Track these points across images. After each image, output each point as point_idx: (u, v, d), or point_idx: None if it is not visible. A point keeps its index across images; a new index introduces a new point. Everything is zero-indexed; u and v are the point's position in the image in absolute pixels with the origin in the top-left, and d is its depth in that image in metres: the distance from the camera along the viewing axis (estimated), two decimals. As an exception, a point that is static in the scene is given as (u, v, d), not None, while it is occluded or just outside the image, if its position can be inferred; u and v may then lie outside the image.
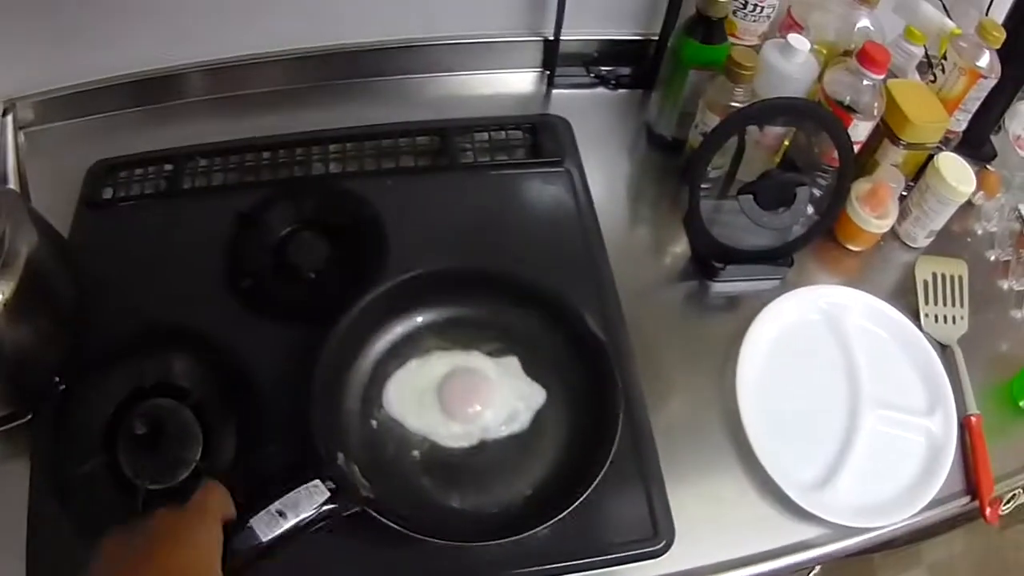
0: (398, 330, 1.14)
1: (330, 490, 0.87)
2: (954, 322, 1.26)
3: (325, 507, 0.87)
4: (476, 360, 1.13)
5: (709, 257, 1.24)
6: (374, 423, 1.07)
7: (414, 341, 1.14)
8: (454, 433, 1.07)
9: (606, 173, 1.36)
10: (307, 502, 0.86)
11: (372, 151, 1.33)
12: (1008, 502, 1.15)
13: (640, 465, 1.05)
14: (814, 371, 1.18)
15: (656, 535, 1.01)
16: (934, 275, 1.30)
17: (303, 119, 1.37)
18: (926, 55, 1.33)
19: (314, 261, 1.21)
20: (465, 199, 1.30)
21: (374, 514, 0.91)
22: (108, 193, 1.29)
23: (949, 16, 1.34)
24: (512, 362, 1.13)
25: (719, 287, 1.26)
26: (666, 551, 1.01)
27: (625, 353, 1.14)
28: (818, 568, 1.32)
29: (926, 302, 1.27)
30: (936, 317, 1.26)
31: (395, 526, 0.92)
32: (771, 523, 1.06)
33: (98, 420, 1.06)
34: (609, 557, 1.00)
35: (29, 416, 1.05)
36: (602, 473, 0.97)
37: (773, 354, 1.17)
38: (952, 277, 1.30)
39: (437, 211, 1.28)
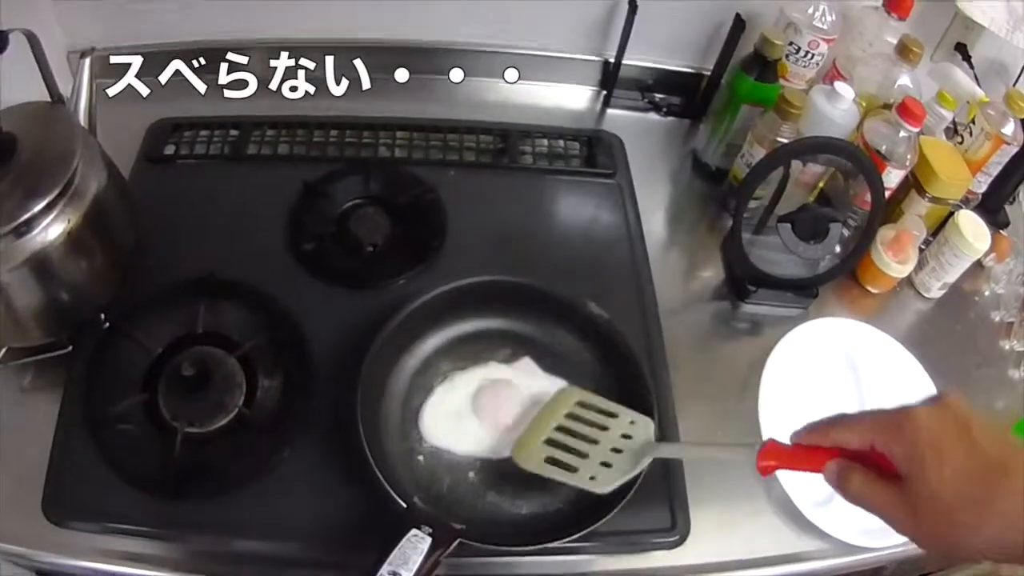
0: (411, 363, 1.12)
1: (430, 535, 0.85)
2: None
3: (435, 553, 0.84)
4: (495, 370, 1.13)
5: (744, 279, 1.27)
6: (420, 458, 1.05)
7: (429, 369, 1.12)
8: (501, 443, 1.05)
9: (649, 193, 1.39)
10: (415, 554, 0.83)
11: (438, 143, 1.37)
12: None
13: (666, 463, 1.06)
14: (828, 396, 1.19)
15: (673, 528, 1.03)
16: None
17: (366, 106, 1.36)
18: (952, 122, 1.38)
19: (374, 236, 1.23)
20: (521, 198, 1.34)
21: (473, 543, 0.90)
22: (170, 150, 1.31)
23: (979, 85, 1.40)
24: (527, 363, 1.14)
25: (747, 309, 1.28)
26: (680, 544, 1.03)
27: (660, 365, 1.17)
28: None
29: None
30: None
31: (492, 546, 0.93)
32: (778, 532, 1.08)
33: (142, 360, 1.07)
34: (627, 544, 1.03)
35: (69, 348, 1.06)
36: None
37: (793, 376, 1.18)
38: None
39: (494, 205, 1.32)
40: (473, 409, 1.08)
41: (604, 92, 1.52)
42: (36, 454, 0.99)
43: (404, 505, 0.92)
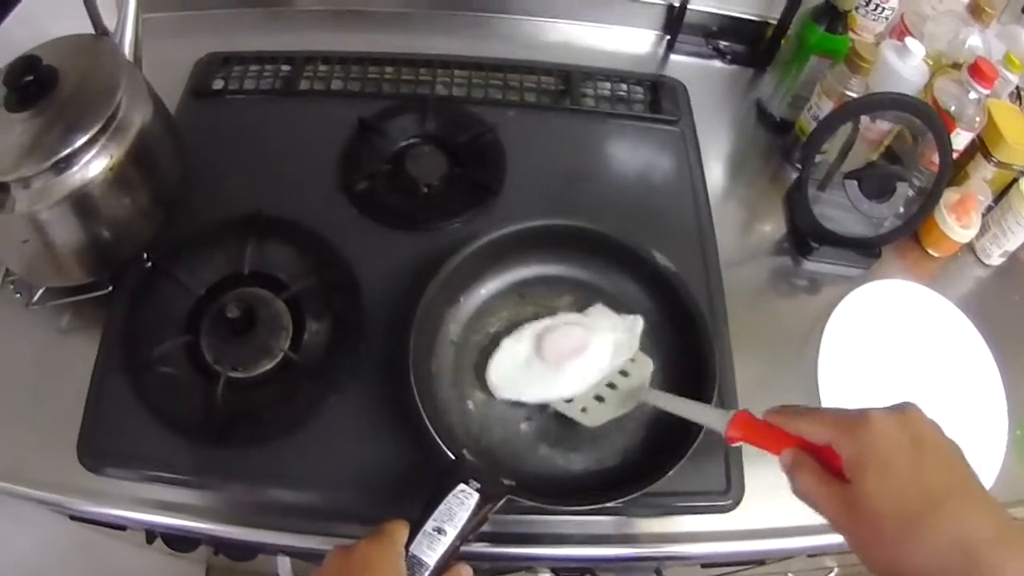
0: (467, 308, 1.02)
1: (478, 490, 0.76)
2: None
3: (482, 509, 0.76)
4: (563, 315, 1.02)
5: (807, 235, 1.16)
6: (471, 406, 0.95)
7: (485, 315, 1.02)
8: (569, 382, 0.96)
9: (710, 142, 1.26)
10: (461, 509, 0.75)
11: (498, 82, 1.24)
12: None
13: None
14: (887, 361, 1.09)
15: (728, 491, 0.94)
16: None
17: (422, 44, 1.27)
18: (1016, 88, 1.25)
19: (430, 175, 1.11)
20: (582, 141, 1.21)
21: (521, 500, 0.82)
22: (219, 84, 1.20)
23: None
24: (599, 307, 1.03)
25: (808, 266, 1.17)
26: (734, 508, 0.94)
27: (721, 319, 1.05)
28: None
29: None
30: None
31: (540, 504, 0.85)
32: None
33: (185, 301, 0.98)
34: (681, 505, 0.93)
35: (109, 288, 0.97)
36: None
37: (855, 336, 1.08)
38: None
39: (555, 148, 1.19)
40: (537, 350, 0.97)
41: (668, 37, 1.39)
42: (72, 398, 0.91)
43: (453, 457, 0.84)
